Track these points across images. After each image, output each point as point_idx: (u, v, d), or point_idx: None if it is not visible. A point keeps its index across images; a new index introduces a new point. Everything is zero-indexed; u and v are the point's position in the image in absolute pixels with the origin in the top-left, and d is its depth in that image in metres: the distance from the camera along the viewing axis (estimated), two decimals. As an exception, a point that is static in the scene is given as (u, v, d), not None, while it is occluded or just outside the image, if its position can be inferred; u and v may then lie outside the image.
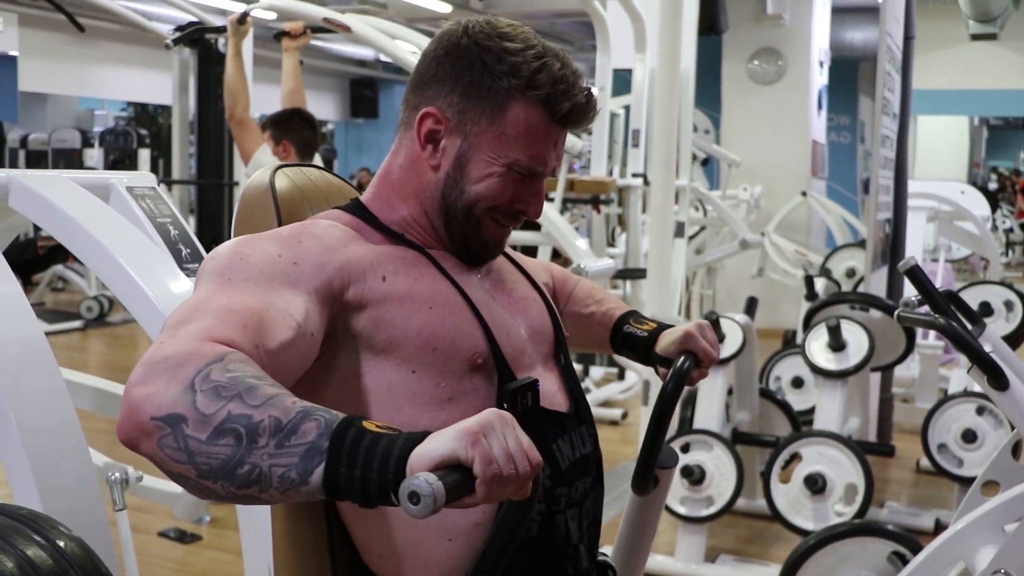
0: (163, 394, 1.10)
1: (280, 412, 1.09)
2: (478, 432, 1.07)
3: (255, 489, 1.09)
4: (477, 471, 1.05)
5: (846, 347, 4.07)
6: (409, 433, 1.09)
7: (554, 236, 4.69)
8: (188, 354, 1.14)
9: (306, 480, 1.07)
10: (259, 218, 1.57)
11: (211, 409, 1.09)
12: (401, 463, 1.06)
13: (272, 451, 1.07)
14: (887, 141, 5.04)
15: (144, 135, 11.98)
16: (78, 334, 9.26)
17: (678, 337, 1.73)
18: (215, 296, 1.27)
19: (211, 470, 1.09)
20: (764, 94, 10.47)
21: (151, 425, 1.10)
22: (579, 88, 1.50)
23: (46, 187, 1.94)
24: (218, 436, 1.08)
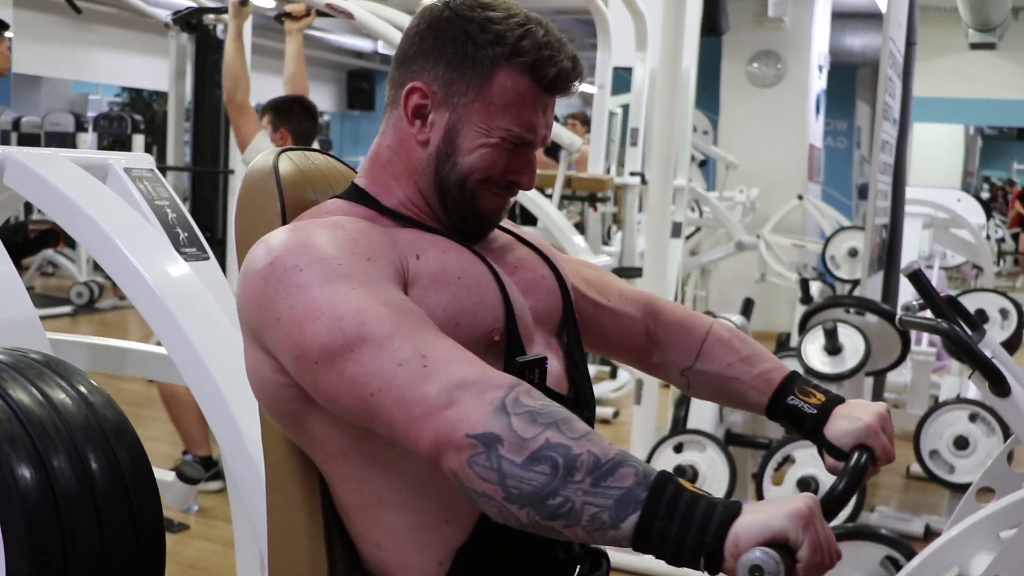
0: (476, 413, 1.12)
1: (599, 450, 1.10)
2: (808, 517, 1.08)
3: (561, 523, 1.10)
4: (803, 556, 1.07)
5: (842, 351, 4.05)
6: (727, 501, 1.10)
7: (552, 232, 4.66)
8: (482, 375, 1.17)
9: (617, 525, 1.08)
10: (262, 201, 1.54)
11: (528, 433, 1.10)
12: (723, 529, 1.07)
13: (588, 488, 1.08)
14: (887, 146, 5.02)
15: (139, 121, 11.92)
16: (67, 319, 9.22)
17: (856, 430, 1.52)
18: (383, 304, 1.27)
19: (520, 495, 1.10)
20: (763, 97, 10.46)
21: (465, 442, 1.11)
22: (564, 54, 1.47)
23: (43, 166, 1.91)
24: (534, 462, 1.09)
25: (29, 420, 1.21)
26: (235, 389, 1.82)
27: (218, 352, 1.86)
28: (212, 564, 3.88)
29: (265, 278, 1.31)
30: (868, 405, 1.56)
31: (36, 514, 1.20)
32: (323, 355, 1.24)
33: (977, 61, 12.84)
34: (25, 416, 1.21)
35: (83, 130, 11.98)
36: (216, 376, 1.84)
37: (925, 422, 4.42)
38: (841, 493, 1.44)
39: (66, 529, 1.24)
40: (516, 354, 1.44)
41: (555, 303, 1.60)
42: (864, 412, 1.54)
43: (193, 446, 4.55)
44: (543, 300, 1.58)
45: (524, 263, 1.61)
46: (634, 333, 1.74)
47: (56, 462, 1.22)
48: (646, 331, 1.74)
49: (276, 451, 1.51)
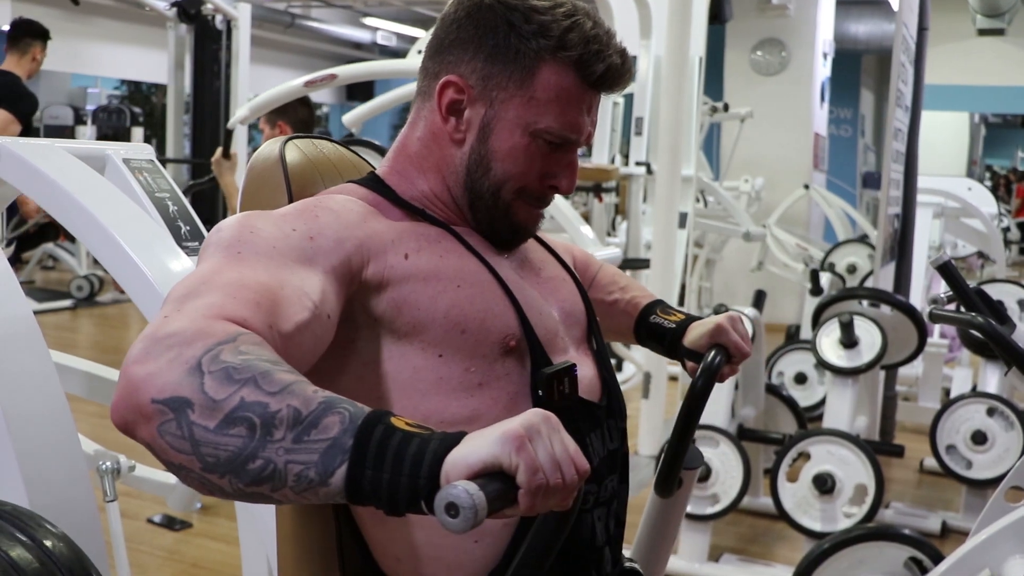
0: (166, 374, 0.97)
1: (300, 402, 0.97)
2: (523, 436, 0.95)
3: (267, 487, 0.97)
4: (521, 480, 0.95)
5: (858, 344, 3.97)
6: (443, 434, 0.97)
7: (559, 222, 4.57)
8: (196, 332, 1.01)
9: (326, 481, 0.96)
10: (268, 191, 1.45)
11: (221, 394, 0.96)
12: (435, 468, 0.94)
13: (289, 445, 0.95)
14: (899, 134, 4.93)
15: (138, 113, 11.85)
16: (68, 313, 9.13)
17: (708, 330, 1.63)
18: (224, 270, 1.14)
19: (218, 463, 0.96)
20: (767, 85, 10.37)
21: (151, 408, 0.97)
22: (613, 48, 1.38)
23: (38, 156, 1.82)
24: (228, 425, 0.96)
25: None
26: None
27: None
28: (215, 563, 3.80)
29: None
30: (721, 315, 1.66)
31: None
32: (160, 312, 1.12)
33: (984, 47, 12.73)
34: None
35: (82, 123, 11.93)
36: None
37: (941, 416, 4.34)
38: (700, 390, 1.59)
39: None
40: (540, 363, 1.36)
41: (579, 304, 1.54)
42: (715, 317, 1.65)
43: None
44: (568, 300, 1.51)
45: (547, 264, 1.55)
46: None
47: None
48: None
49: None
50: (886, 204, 4.73)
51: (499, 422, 0.98)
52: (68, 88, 16.09)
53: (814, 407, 5.16)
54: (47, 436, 1.59)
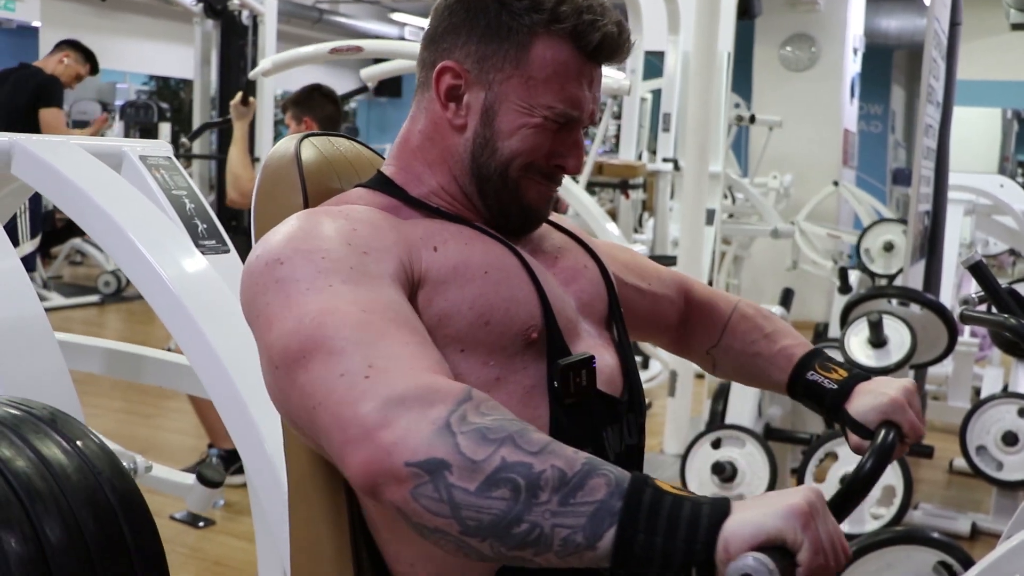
0: (416, 436, 0.97)
1: (563, 463, 0.96)
2: (808, 514, 0.94)
3: (530, 552, 0.96)
4: (803, 559, 0.94)
5: (887, 343, 3.91)
6: (712, 499, 0.96)
7: (584, 219, 4.54)
8: (427, 389, 1.01)
9: (593, 545, 0.94)
10: (282, 190, 1.42)
11: (480, 454, 0.96)
12: (711, 535, 0.93)
13: (555, 508, 0.94)
14: (930, 130, 4.87)
15: (165, 108, 11.88)
16: (95, 308, 9.16)
17: (881, 405, 1.44)
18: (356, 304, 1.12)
19: (480, 527, 0.96)
20: (796, 81, 10.30)
21: (405, 472, 0.96)
22: (609, 17, 1.34)
23: (52, 153, 1.80)
24: (491, 487, 0.95)
25: (19, 483, 1.09)
26: (255, 393, 1.71)
27: (238, 355, 1.75)
28: (238, 561, 3.79)
29: (251, 272, 1.20)
30: (893, 381, 1.48)
31: None
32: (282, 359, 1.11)
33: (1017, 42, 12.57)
34: (15, 478, 1.09)
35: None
36: (235, 380, 1.73)
37: (972, 417, 4.27)
38: (868, 473, 1.36)
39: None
40: (558, 354, 1.32)
41: (600, 293, 1.48)
42: (890, 387, 1.45)
43: (218, 439, 4.46)
44: (587, 290, 1.46)
45: (564, 252, 1.48)
46: (670, 315, 1.67)
47: (49, 531, 1.09)
48: (679, 312, 1.67)
49: (300, 461, 1.39)
50: (916, 201, 4.66)
51: (774, 493, 0.97)
52: (97, 83, 16.12)
53: (842, 406, 5.09)
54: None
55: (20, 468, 1.08)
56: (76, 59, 6.31)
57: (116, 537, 1.15)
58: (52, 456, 1.12)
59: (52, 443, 1.14)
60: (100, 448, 1.18)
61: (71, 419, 1.20)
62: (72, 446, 1.16)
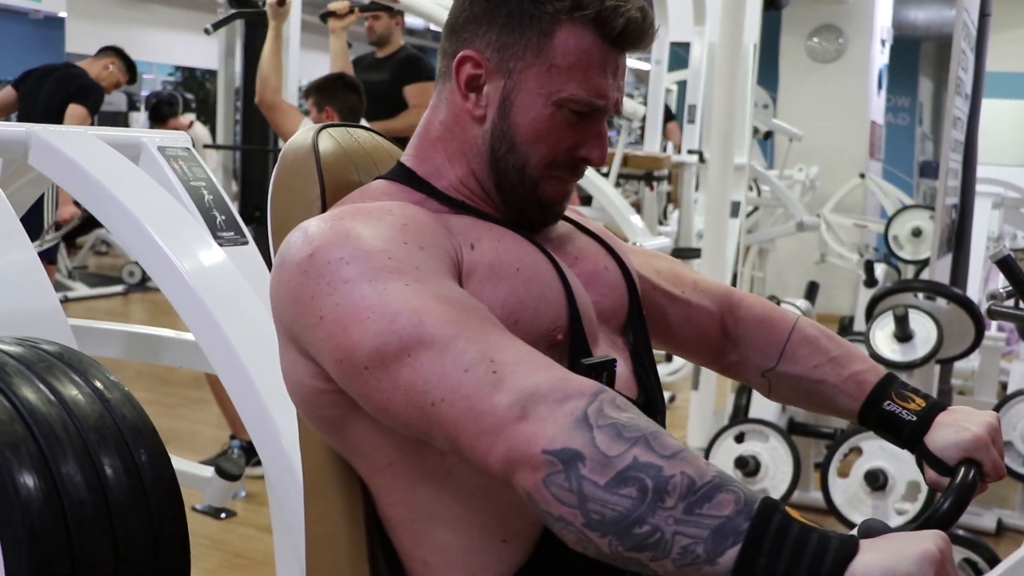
0: (553, 426, 0.98)
1: (694, 471, 0.95)
2: (941, 563, 0.92)
3: (647, 555, 0.96)
4: None
5: (913, 337, 3.87)
6: (842, 535, 0.94)
7: (608, 212, 4.52)
8: (560, 382, 1.03)
9: (713, 560, 0.93)
10: (300, 181, 1.40)
11: (613, 451, 0.96)
12: (838, 570, 0.91)
13: (680, 516, 0.94)
14: (958, 123, 4.82)
15: (190, 99, 11.91)
16: (119, 299, 9.21)
17: (963, 442, 1.36)
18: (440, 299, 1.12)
19: (602, 521, 0.96)
20: (823, 72, 10.24)
21: (541, 459, 0.98)
22: (632, 3, 1.30)
23: (69, 144, 1.79)
24: (620, 484, 0.95)
25: (34, 420, 1.08)
26: (273, 388, 1.70)
27: (255, 349, 1.73)
28: (259, 552, 3.79)
29: (305, 271, 1.17)
30: (975, 414, 1.40)
31: (41, 528, 1.06)
32: (374, 359, 1.09)
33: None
34: (30, 415, 1.08)
35: (135, 109, 11.99)
36: (253, 374, 1.71)
37: (998, 412, 4.23)
38: (947, 512, 1.31)
39: (76, 545, 1.09)
40: (581, 355, 1.29)
41: (620, 298, 1.45)
42: (971, 422, 1.38)
43: (240, 430, 4.46)
44: (607, 295, 1.43)
45: (585, 253, 1.45)
46: (709, 328, 1.58)
47: (64, 468, 1.08)
48: (722, 327, 1.58)
49: (316, 457, 1.38)
50: (943, 194, 4.62)
51: (903, 535, 0.96)
52: (123, 74, 16.20)
53: (867, 400, 5.06)
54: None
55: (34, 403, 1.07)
56: (119, 68, 6.41)
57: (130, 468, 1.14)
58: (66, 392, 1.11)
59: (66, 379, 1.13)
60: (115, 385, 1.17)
61: (83, 356, 1.19)
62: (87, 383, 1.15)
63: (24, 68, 6.38)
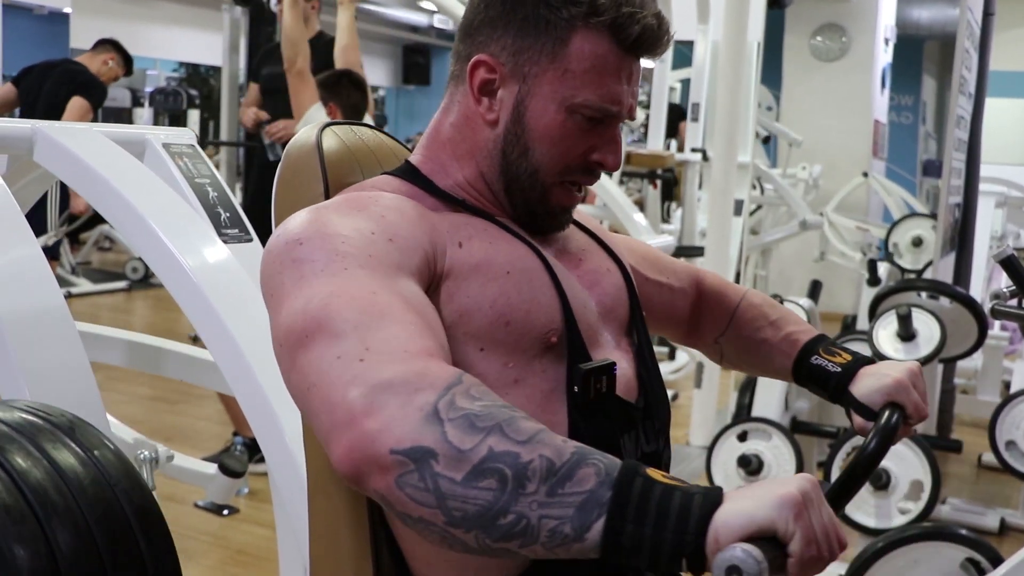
0: (402, 424, 0.94)
1: (551, 452, 0.93)
2: (801, 504, 0.91)
3: (516, 543, 0.94)
4: (795, 549, 0.91)
5: (916, 337, 3.87)
6: (704, 488, 0.93)
7: (611, 210, 4.51)
8: (416, 374, 0.98)
9: (581, 537, 0.92)
10: (302, 179, 1.41)
11: (467, 444, 0.93)
12: (702, 525, 0.91)
13: (543, 499, 0.92)
14: (962, 122, 4.82)
15: (194, 95, 11.91)
16: (123, 294, 9.21)
17: (886, 386, 1.44)
18: (357, 290, 1.10)
19: (465, 518, 0.93)
20: (826, 71, 10.23)
21: (390, 459, 0.94)
22: (648, 9, 1.31)
23: (74, 141, 1.79)
24: (477, 477, 0.92)
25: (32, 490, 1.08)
26: (276, 385, 1.69)
27: (258, 345, 1.73)
28: (262, 549, 3.79)
29: (270, 251, 1.19)
30: (898, 363, 1.48)
31: None
32: (286, 339, 1.09)
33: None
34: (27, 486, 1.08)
35: (139, 105, 12.00)
36: (256, 370, 1.71)
37: (1001, 411, 4.23)
38: (872, 453, 1.38)
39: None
40: (579, 358, 1.30)
41: (622, 298, 1.46)
42: (893, 369, 1.47)
43: (243, 427, 4.46)
44: (610, 294, 1.44)
45: (588, 254, 1.47)
46: (683, 308, 1.68)
47: (62, 539, 1.08)
48: (691, 304, 1.68)
49: (320, 454, 1.39)
50: (947, 194, 4.62)
51: (768, 481, 0.94)
52: (128, 70, 16.22)
53: (870, 400, 5.05)
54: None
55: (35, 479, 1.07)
56: (118, 62, 6.42)
57: (132, 552, 1.13)
58: (67, 465, 1.11)
59: (68, 452, 1.13)
60: (117, 458, 1.17)
61: (88, 427, 1.18)
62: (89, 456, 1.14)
63: (29, 63, 6.39)
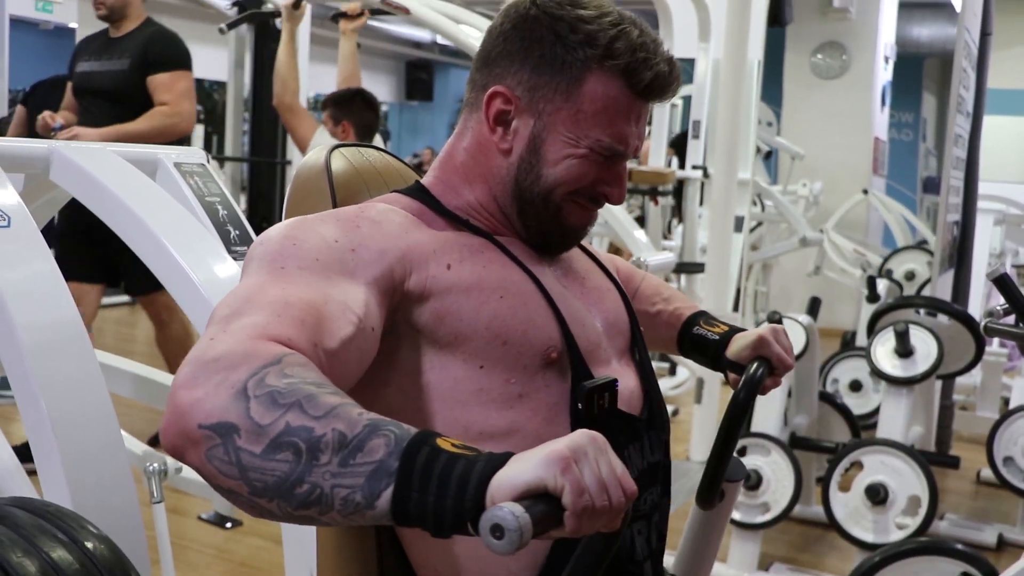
0: (213, 399, 0.99)
1: (345, 425, 0.97)
2: (569, 458, 0.95)
3: (314, 511, 0.98)
4: (567, 502, 0.94)
5: (914, 353, 3.91)
6: (489, 455, 0.97)
7: (612, 227, 4.55)
8: (242, 354, 1.03)
9: (372, 504, 0.96)
10: (313, 200, 1.46)
11: (266, 419, 0.97)
12: (480, 490, 0.94)
13: (335, 470, 0.96)
14: (959, 140, 4.86)
15: (199, 111, 11.94)
16: (127, 308, 9.24)
17: (751, 342, 1.61)
18: (268, 286, 1.15)
19: (265, 488, 0.97)
20: (827, 89, 10.29)
21: (199, 434, 0.98)
22: (661, 56, 1.37)
23: (89, 160, 1.84)
24: (274, 450, 0.97)
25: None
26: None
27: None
28: (264, 562, 3.82)
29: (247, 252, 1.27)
30: (765, 325, 1.65)
31: None
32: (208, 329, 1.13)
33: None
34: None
35: (144, 120, 12.00)
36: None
37: (999, 427, 4.27)
38: (741, 402, 1.56)
39: None
40: (580, 374, 1.35)
41: (623, 315, 1.53)
42: (760, 329, 1.63)
43: (247, 441, 4.50)
44: (612, 311, 1.50)
45: (591, 274, 1.54)
46: None
47: None
48: None
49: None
50: (945, 211, 4.66)
51: (545, 443, 0.97)
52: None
53: (869, 415, 5.09)
54: (92, 439, 1.60)
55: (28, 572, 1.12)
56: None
57: None
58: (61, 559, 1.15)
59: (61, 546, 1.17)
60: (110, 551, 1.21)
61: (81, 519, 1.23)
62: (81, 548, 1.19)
63: (35, 78, 6.43)
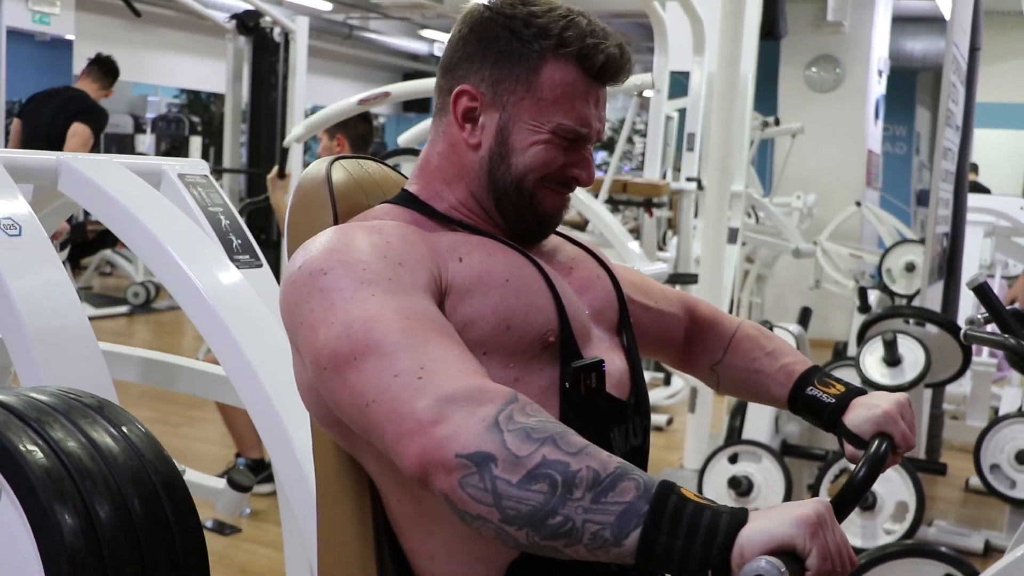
0: (467, 431, 1.08)
1: (598, 464, 1.06)
2: (816, 524, 1.04)
3: (561, 542, 1.06)
4: (812, 564, 1.03)
5: (902, 362, 3.97)
6: (732, 509, 1.06)
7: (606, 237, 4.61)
8: (478, 391, 1.12)
9: (619, 542, 1.05)
10: (314, 210, 1.52)
11: (523, 451, 1.06)
12: (728, 541, 1.03)
13: (587, 505, 1.05)
14: (949, 153, 4.93)
15: (196, 122, 12.01)
16: (124, 319, 9.28)
17: (875, 417, 1.52)
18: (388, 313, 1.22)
19: (518, 516, 1.06)
20: (821, 101, 10.36)
21: (455, 462, 1.07)
22: (611, 40, 1.45)
23: (96, 172, 1.91)
24: (531, 481, 1.05)
25: (71, 462, 1.19)
26: (287, 400, 1.80)
27: (270, 362, 1.84)
28: (263, 569, 3.88)
29: (295, 282, 1.31)
30: (889, 394, 1.56)
31: (79, 559, 1.17)
32: (331, 361, 1.21)
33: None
34: (67, 457, 1.19)
35: (141, 131, 12.08)
36: (267, 387, 1.82)
37: (986, 435, 4.33)
38: (861, 481, 1.46)
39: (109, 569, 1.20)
40: (571, 356, 1.41)
41: (612, 302, 1.58)
42: (883, 400, 1.54)
43: (245, 448, 4.55)
44: (599, 298, 1.56)
45: (578, 263, 1.59)
46: (675, 332, 1.76)
47: (99, 506, 1.19)
48: (684, 329, 1.76)
49: (328, 465, 1.48)
50: (934, 223, 4.72)
51: (787, 504, 1.06)
52: (129, 96, 16.31)
53: (860, 424, 5.13)
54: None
55: (71, 448, 1.18)
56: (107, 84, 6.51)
57: (159, 515, 1.24)
58: (100, 439, 1.22)
59: (100, 428, 1.24)
60: (144, 434, 1.28)
61: (117, 407, 1.29)
62: (119, 431, 1.25)
63: (32, 90, 6.49)
